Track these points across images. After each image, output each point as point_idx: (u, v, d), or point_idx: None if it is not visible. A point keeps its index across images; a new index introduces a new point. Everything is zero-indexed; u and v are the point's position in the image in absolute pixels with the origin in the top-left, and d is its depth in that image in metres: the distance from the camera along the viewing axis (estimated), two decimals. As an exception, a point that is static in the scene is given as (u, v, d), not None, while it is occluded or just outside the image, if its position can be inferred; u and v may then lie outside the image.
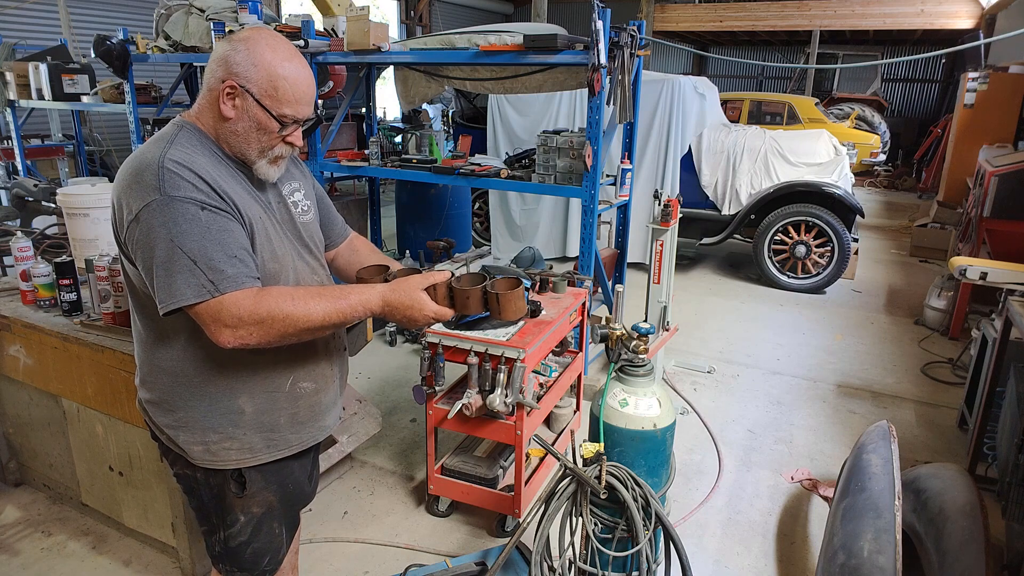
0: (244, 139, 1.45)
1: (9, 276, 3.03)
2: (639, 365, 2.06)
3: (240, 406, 1.51)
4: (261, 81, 1.41)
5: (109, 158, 8.54)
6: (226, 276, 1.33)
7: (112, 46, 5.23)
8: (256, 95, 1.41)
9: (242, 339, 1.35)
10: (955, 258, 3.51)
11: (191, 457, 1.53)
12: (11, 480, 2.95)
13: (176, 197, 1.32)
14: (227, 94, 1.41)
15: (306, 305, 1.39)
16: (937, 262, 7.17)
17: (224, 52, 1.42)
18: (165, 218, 1.31)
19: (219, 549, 1.63)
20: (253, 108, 1.42)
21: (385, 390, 4.03)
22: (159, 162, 1.35)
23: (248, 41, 1.42)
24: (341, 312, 1.43)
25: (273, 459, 1.58)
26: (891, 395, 4.10)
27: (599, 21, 3.36)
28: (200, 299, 1.32)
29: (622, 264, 4.66)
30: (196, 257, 1.31)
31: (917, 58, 16.07)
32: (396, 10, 15.17)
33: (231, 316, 1.33)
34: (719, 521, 2.86)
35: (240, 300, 1.34)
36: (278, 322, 1.36)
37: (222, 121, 1.44)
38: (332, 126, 5.06)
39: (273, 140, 1.47)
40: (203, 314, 1.34)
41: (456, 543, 2.70)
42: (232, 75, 1.40)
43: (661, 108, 6.08)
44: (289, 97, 1.43)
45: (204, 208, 1.34)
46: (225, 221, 1.37)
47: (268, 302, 1.36)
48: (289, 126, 1.47)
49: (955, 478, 2.23)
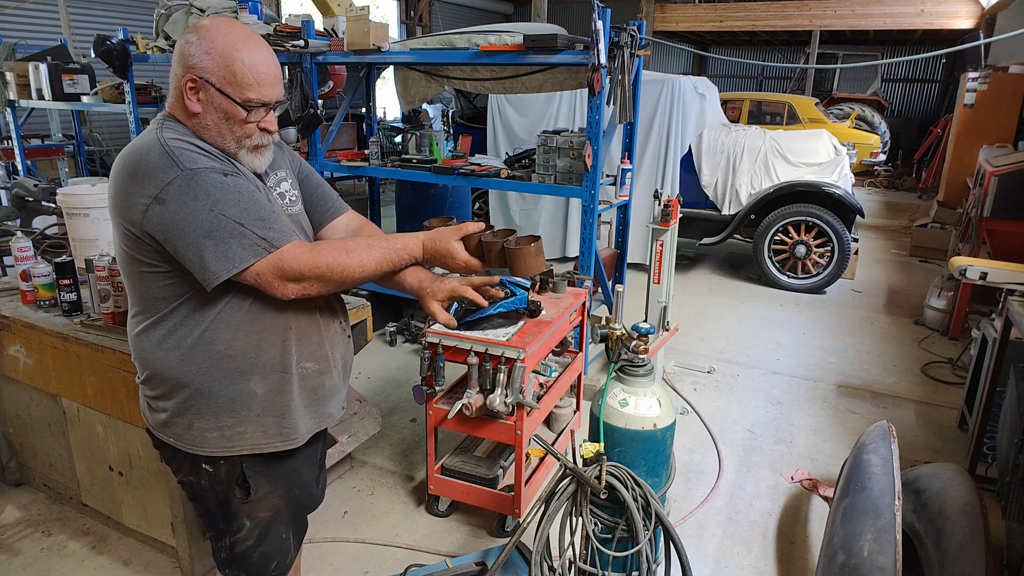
0: (217, 132, 1.43)
1: (9, 276, 3.03)
2: (639, 365, 2.06)
3: (252, 388, 1.51)
4: (218, 69, 1.38)
5: (109, 158, 8.54)
6: (276, 231, 1.38)
7: (112, 46, 5.23)
8: (216, 84, 1.38)
9: (305, 290, 1.41)
10: (955, 258, 3.51)
11: (206, 447, 1.51)
12: (11, 480, 2.95)
13: (197, 169, 1.33)
14: (189, 88, 1.40)
15: (359, 256, 1.45)
16: (937, 262, 7.17)
17: (180, 47, 1.41)
18: (196, 190, 1.32)
19: (225, 555, 1.62)
20: (217, 98, 1.40)
21: (385, 390, 4.03)
22: (161, 142, 1.34)
23: (200, 30, 1.40)
24: (390, 260, 1.50)
25: (286, 448, 1.58)
26: (891, 395, 4.10)
27: (599, 21, 3.36)
28: (258, 257, 1.35)
29: (622, 264, 4.66)
30: (242, 219, 1.34)
31: (917, 58, 16.07)
32: (396, 10, 15.17)
33: (292, 270, 1.38)
34: (719, 521, 2.86)
35: (298, 254, 1.39)
36: (336, 272, 1.42)
37: (192, 117, 1.43)
38: (332, 126, 5.06)
39: (247, 129, 1.44)
40: (264, 272, 1.37)
41: (456, 543, 2.70)
42: (190, 68, 1.39)
43: (661, 108, 6.08)
44: (250, 80, 1.39)
45: (227, 174, 1.36)
46: (247, 183, 1.41)
47: (325, 255, 1.41)
48: (257, 110, 1.43)
49: (955, 478, 2.23)
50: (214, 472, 1.54)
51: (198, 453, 1.53)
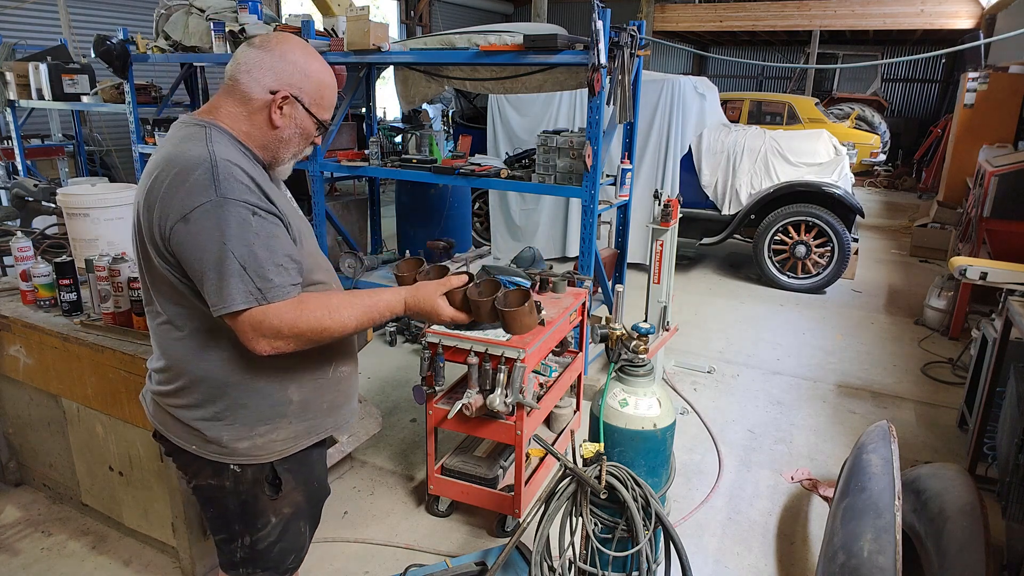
0: (287, 145, 1.50)
1: (9, 276, 3.03)
2: (639, 365, 2.06)
3: (289, 396, 1.52)
4: (311, 90, 1.47)
5: (109, 158, 8.53)
6: (273, 285, 1.35)
7: (112, 46, 5.23)
8: (307, 104, 1.47)
9: (278, 349, 1.38)
10: (955, 258, 3.51)
11: (236, 455, 1.50)
12: (11, 480, 2.95)
13: (229, 199, 1.32)
14: (282, 101, 1.44)
15: (340, 315, 1.43)
16: (937, 262, 7.17)
17: (270, 61, 1.43)
18: (219, 220, 1.31)
19: (242, 554, 1.61)
20: (301, 116, 1.48)
21: (385, 390, 4.03)
22: (211, 160, 1.33)
23: (289, 49, 1.45)
24: (371, 318, 1.49)
25: (310, 444, 1.60)
26: (891, 395, 4.10)
27: (599, 21, 3.36)
28: (248, 305, 1.32)
29: (622, 264, 4.66)
30: (246, 263, 1.32)
31: (917, 58, 16.06)
32: (396, 10, 15.16)
33: (271, 328, 1.35)
34: (719, 521, 2.86)
35: (282, 312, 1.36)
36: (315, 333, 1.40)
37: (270, 129, 1.46)
38: (332, 126, 5.06)
39: (306, 144, 1.54)
40: (244, 322, 1.34)
41: (456, 543, 2.70)
42: (286, 85, 1.44)
43: (661, 108, 6.08)
44: (328, 103, 1.51)
45: (255, 212, 1.35)
46: (272, 226, 1.38)
47: (307, 316, 1.38)
48: (322, 129, 1.54)
49: (955, 478, 2.23)
50: (240, 473, 1.53)
51: (223, 461, 1.52)
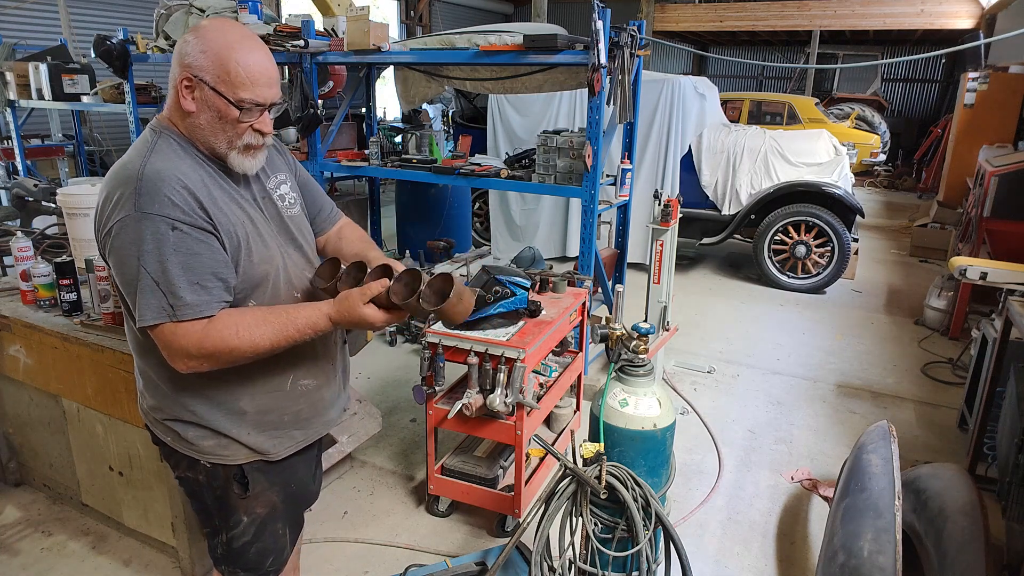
0: (210, 132, 1.42)
1: (9, 276, 3.03)
2: (639, 365, 2.06)
3: (241, 407, 1.51)
4: (213, 68, 1.37)
5: (109, 158, 8.53)
6: (184, 303, 1.33)
7: (112, 46, 5.22)
8: (210, 83, 1.38)
9: (192, 368, 1.38)
10: (955, 258, 3.51)
11: (203, 452, 1.52)
12: (11, 480, 2.95)
13: (148, 214, 1.31)
14: (185, 87, 1.40)
15: (251, 335, 1.37)
16: (937, 262, 7.16)
17: (178, 47, 1.41)
18: (136, 235, 1.31)
19: (221, 551, 1.63)
20: (211, 97, 1.39)
21: (385, 390, 4.03)
22: (138, 174, 1.34)
23: (198, 31, 1.41)
24: (288, 336, 1.41)
25: (281, 457, 1.59)
26: (891, 395, 4.09)
27: (599, 21, 3.36)
28: (158, 321, 1.33)
29: (622, 264, 4.66)
30: (159, 279, 1.32)
31: (917, 58, 16.06)
32: (396, 10, 15.16)
33: (180, 347, 1.35)
34: (719, 521, 2.86)
35: (190, 332, 1.34)
36: (224, 354, 1.37)
37: (186, 116, 1.42)
38: (332, 126, 5.06)
39: (239, 129, 1.42)
40: (159, 337, 1.36)
41: (456, 543, 2.70)
42: (186, 67, 1.39)
43: (661, 108, 6.08)
44: (243, 80, 1.38)
45: (175, 227, 1.32)
46: (194, 242, 1.34)
47: (213, 336, 1.35)
48: (250, 111, 1.41)
49: (955, 478, 2.23)
50: (211, 470, 1.55)
51: (194, 456, 1.54)
